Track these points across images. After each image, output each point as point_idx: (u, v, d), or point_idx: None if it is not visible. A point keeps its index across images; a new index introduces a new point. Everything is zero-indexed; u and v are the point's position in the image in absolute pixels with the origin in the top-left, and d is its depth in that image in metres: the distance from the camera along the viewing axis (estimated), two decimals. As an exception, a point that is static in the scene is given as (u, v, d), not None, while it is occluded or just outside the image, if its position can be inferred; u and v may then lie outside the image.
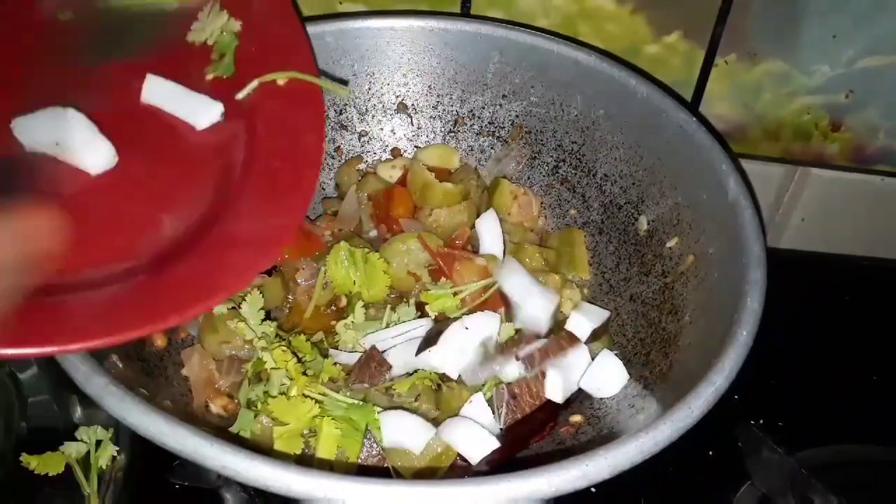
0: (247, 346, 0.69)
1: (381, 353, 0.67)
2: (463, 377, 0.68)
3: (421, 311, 0.73)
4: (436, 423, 0.65)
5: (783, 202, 1.01)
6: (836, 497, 0.69)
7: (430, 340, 0.68)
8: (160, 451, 0.50)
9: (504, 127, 0.87)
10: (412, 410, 0.66)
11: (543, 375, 0.67)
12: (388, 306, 0.73)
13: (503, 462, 0.64)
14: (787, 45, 0.87)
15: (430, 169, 0.83)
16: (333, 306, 0.76)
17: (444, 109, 0.88)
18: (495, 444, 0.63)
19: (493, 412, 0.66)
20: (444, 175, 0.85)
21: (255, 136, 0.69)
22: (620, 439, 0.51)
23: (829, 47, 0.86)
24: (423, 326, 0.70)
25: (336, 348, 0.71)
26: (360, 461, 0.63)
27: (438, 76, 0.86)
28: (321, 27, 0.81)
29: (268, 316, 0.72)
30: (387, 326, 0.71)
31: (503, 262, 0.76)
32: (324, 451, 0.62)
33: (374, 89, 0.87)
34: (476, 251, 0.79)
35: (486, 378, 0.68)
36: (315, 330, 0.73)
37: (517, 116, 0.86)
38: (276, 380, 0.65)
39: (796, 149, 0.95)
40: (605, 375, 0.68)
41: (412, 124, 0.89)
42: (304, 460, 0.62)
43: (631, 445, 0.50)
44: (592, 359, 0.69)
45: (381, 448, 0.64)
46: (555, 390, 0.66)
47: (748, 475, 0.77)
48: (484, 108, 0.86)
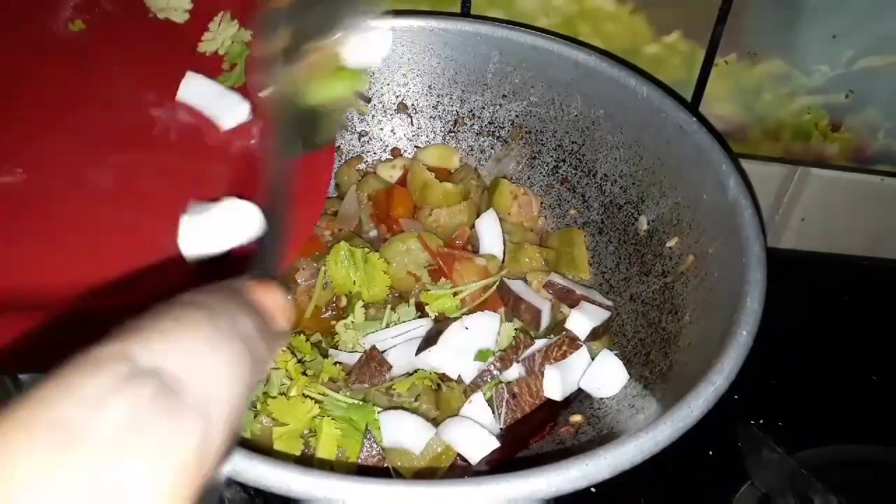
0: (247, 346, 0.69)
1: (381, 353, 0.67)
2: (463, 377, 0.68)
3: (421, 311, 0.73)
4: (436, 423, 0.65)
5: (783, 202, 1.01)
6: (836, 497, 0.69)
7: (430, 340, 0.68)
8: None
9: (504, 127, 0.87)
10: (412, 410, 0.66)
11: (543, 374, 0.67)
12: (388, 306, 0.73)
13: (503, 462, 0.64)
14: (788, 45, 0.87)
15: (430, 169, 0.83)
16: (333, 306, 0.76)
17: (444, 109, 0.88)
18: (495, 444, 0.63)
19: (493, 412, 0.66)
20: (444, 175, 0.85)
21: (266, 146, 0.69)
22: (620, 439, 0.51)
23: (829, 47, 0.86)
24: (423, 326, 0.70)
25: (336, 348, 0.71)
26: (360, 461, 0.63)
27: (438, 76, 0.86)
28: (321, 27, 0.81)
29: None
30: (387, 326, 0.71)
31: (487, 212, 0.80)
32: (324, 451, 0.62)
33: (374, 89, 0.87)
34: (476, 251, 0.79)
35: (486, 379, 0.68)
36: (315, 330, 0.73)
37: (517, 116, 0.86)
38: (276, 380, 0.65)
39: (796, 149, 0.95)
40: (604, 375, 0.68)
41: (412, 124, 0.89)
42: (304, 460, 0.62)
43: (631, 445, 0.50)
44: (592, 358, 0.69)
45: (381, 448, 0.64)
46: (554, 389, 0.66)
47: (748, 475, 0.77)
48: (484, 108, 0.86)
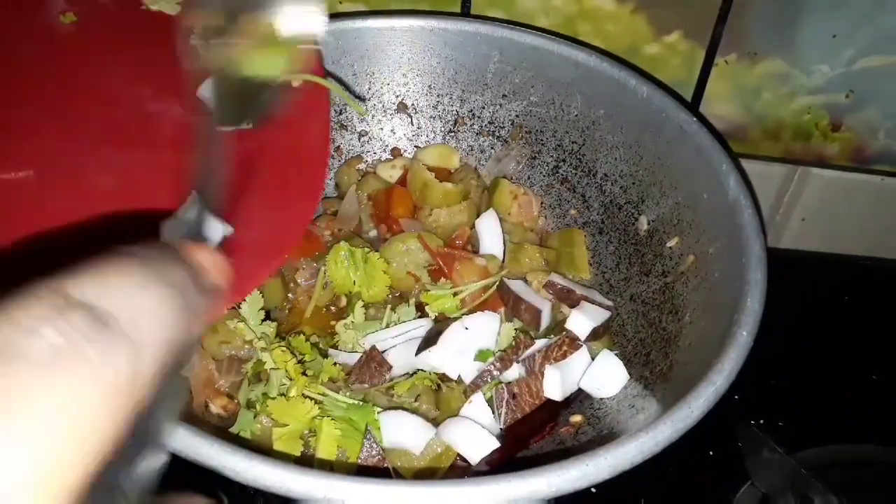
0: (246, 346, 0.69)
1: (381, 354, 0.67)
2: (463, 377, 0.68)
3: (421, 312, 0.73)
4: (436, 423, 0.65)
5: (783, 202, 1.01)
6: (837, 497, 0.69)
7: (430, 340, 0.68)
8: (160, 451, 0.50)
9: (504, 127, 0.87)
10: (412, 410, 0.66)
11: (543, 374, 0.67)
12: (388, 306, 0.73)
13: (503, 462, 0.64)
14: (788, 45, 0.87)
15: (430, 169, 0.83)
16: (333, 306, 0.76)
17: (444, 109, 0.88)
18: (495, 444, 0.63)
19: (493, 412, 0.66)
20: (444, 175, 0.85)
21: (262, 140, 0.69)
22: (621, 439, 0.51)
23: (829, 47, 0.86)
24: (422, 326, 0.70)
25: (336, 348, 0.71)
26: (360, 461, 0.63)
27: (438, 76, 0.86)
28: (321, 27, 0.81)
29: (268, 316, 0.72)
30: (387, 326, 0.71)
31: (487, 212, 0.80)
32: (324, 451, 0.62)
33: (374, 89, 0.87)
34: (476, 251, 0.79)
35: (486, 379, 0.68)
36: (315, 330, 0.73)
37: (517, 116, 0.86)
38: (276, 380, 0.65)
39: (796, 149, 0.95)
40: (605, 375, 0.68)
41: (412, 124, 0.89)
42: (304, 460, 0.62)
43: (631, 445, 0.50)
44: (592, 359, 0.69)
45: (381, 448, 0.64)
46: (554, 389, 0.66)
47: (748, 475, 0.77)
48: (484, 107, 0.86)
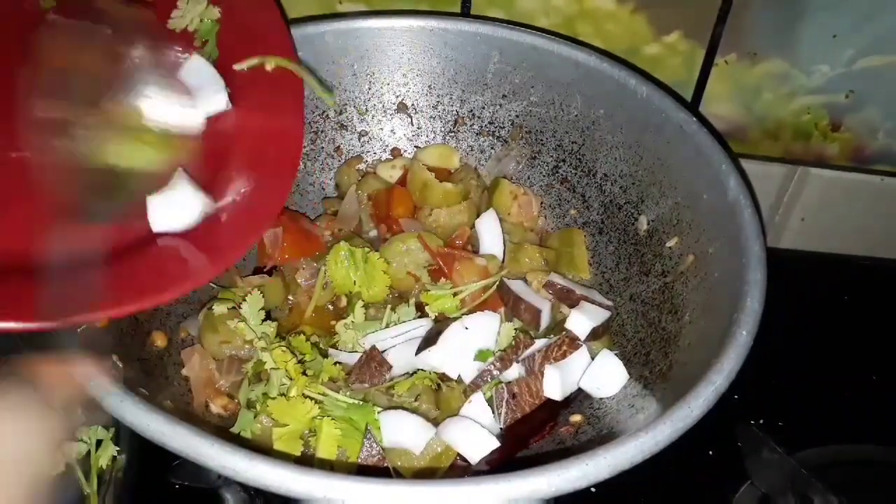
0: (247, 346, 0.69)
1: (381, 353, 0.67)
2: (463, 377, 0.68)
3: (421, 312, 0.73)
4: (436, 423, 0.65)
5: (783, 202, 1.01)
6: (836, 497, 0.69)
7: (429, 340, 0.68)
8: (160, 451, 0.50)
9: (504, 127, 0.87)
10: (412, 410, 0.66)
11: (542, 374, 0.67)
12: (388, 306, 0.73)
13: (503, 462, 0.64)
14: (788, 45, 0.87)
15: (430, 169, 0.83)
16: (333, 306, 0.76)
17: (444, 109, 0.88)
18: (495, 444, 0.63)
19: (493, 412, 0.66)
20: (444, 175, 0.85)
21: (239, 119, 0.70)
22: (620, 439, 0.51)
23: (829, 47, 0.86)
24: (422, 326, 0.70)
25: (336, 348, 0.71)
26: (360, 461, 0.63)
27: (438, 76, 0.86)
28: (321, 27, 0.81)
29: (268, 316, 0.72)
30: (387, 326, 0.71)
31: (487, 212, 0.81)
32: (324, 451, 0.62)
33: (374, 89, 0.87)
34: (476, 251, 0.79)
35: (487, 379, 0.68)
36: (315, 330, 0.73)
37: (517, 116, 0.86)
38: (276, 380, 0.65)
39: (796, 149, 0.95)
40: (604, 375, 0.68)
41: (412, 124, 0.89)
42: (304, 460, 0.62)
43: (631, 445, 0.50)
44: (592, 358, 0.69)
45: (381, 448, 0.64)
46: (554, 389, 0.66)
47: (748, 475, 0.77)
48: (484, 108, 0.86)
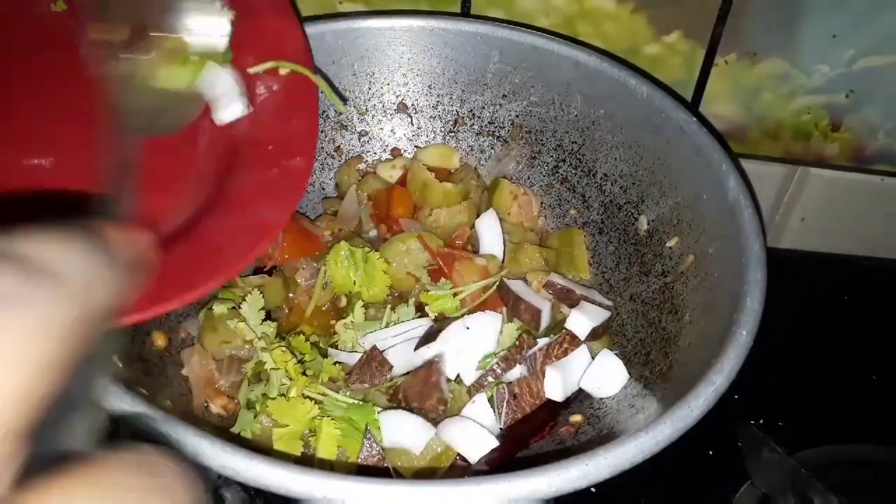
0: (247, 346, 0.69)
1: (381, 353, 0.67)
2: (462, 377, 0.68)
3: (421, 312, 0.73)
4: (436, 423, 0.65)
5: (783, 202, 1.01)
6: (837, 497, 0.69)
7: (429, 337, 0.68)
8: (160, 450, 0.50)
9: (504, 127, 0.87)
10: (412, 410, 0.66)
11: (543, 375, 0.67)
12: (388, 306, 0.73)
13: (503, 462, 0.64)
14: (788, 45, 0.87)
15: (430, 169, 0.83)
16: (333, 306, 0.76)
17: (444, 109, 0.88)
18: (494, 444, 0.63)
19: (494, 412, 0.66)
20: (444, 175, 0.85)
21: (253, 123, 0.70)
22: (620, 439, 0.51)
23: (829, 47, 0.86)
24: (422, 326, 0.70)
25: (336, 348, 0.71)
26: (360, 461, 0.63)
27: (438, 76, 0.86)
28: (321, 27, 0.81)
29: (268, 316, 0.72)
30: (386, 326, 0.71)
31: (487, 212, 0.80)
32: (324, 451, 0.62)
33: (374, 89, 0.87)
34: (476, 251, 0.79)
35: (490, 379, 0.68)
36: (315, 330, 0.73)
37: (517, 116, 0.86)
38: (276, 380, 0.65)
39: (796, 149, 0.95)
40: (605, 375, 0.68)
41: (412, 124, 0.89)
42: (304, 460, 0.62)
43: (631, 445, 0.50)
44: (592, 358, 0.69)
45: (381, 448, 0.64)
46: (554, 389, 0.66)
47: (748, 475, 0.77)
48: (484, 107, 0.86)
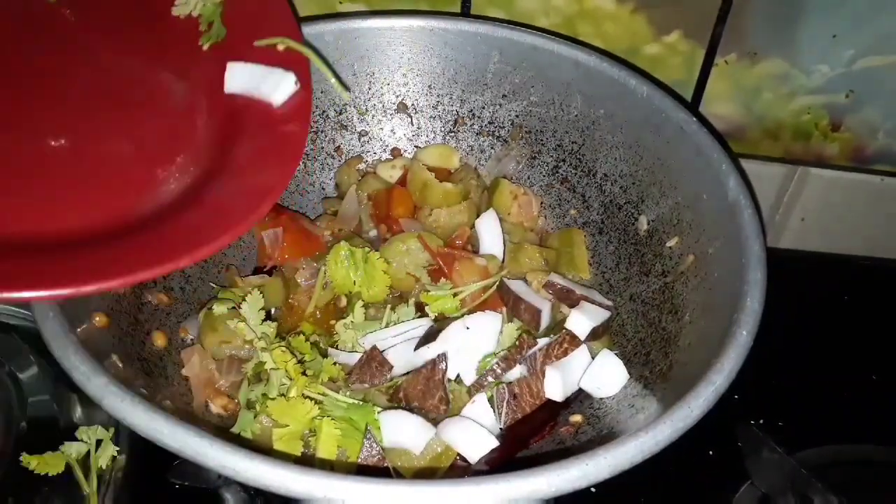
0: (247, 346, 0.69)
1: (381, 353, 0.67)
2: (462, 377, 0.68)
3: (421, 312, 0.73)
4: (436, 422, 0.65)
5: (783, 202, 1.01)
6: (836, 497, 0.69)
7: (429, 337, 0.68)
8: (160, 451, 0.50)
9: (504, 127, 0.87)
10: (412, 410, 0.66)
11: (543, 375, 0.67)
12: (388, 306, 0.73)
13: (503, 462, 0.64)
14: (787, 45, 0.87)
15: (430, 169, 0.83)
16: (333, 306, 0.76)
17: (444, 109, 0.88)
18: (494, 444, 0.63)
19: (494, 412, 0.66)
20: (444, 175, 0.85)
21: (248, 101, 0.71)
22: (620, 439, 0.51)
23: (829, 47, 0.86)
24: (422, 326, 0.70)
25: (336, 348, 0.71)
26: (360, 461, 0.63)
27: (438, 76, 0.86)
28: (321, 27, 0.81)
29: (268, 316, 0.72)
30: (386, 326, 0.71)
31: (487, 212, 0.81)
32: (324, 451, 0.62)
33: (374, 89, 0.87)
34: (476, 251, 0.79)
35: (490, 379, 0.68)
36: (315, 330, 0.73)
37: (517, 116, 0.86)
38: (276, 380, 0.65)
39: (796, 149, 0.95)
40: (605, 375, 0.68)
41: (412, 124, 0.89)
42: (305, 460, 0.62)
43: (631, 445, 0.50)
44: (592, 358, 0.69)
45: (381, 448, 0.64)
46: (554, 389, 0.66)
47: (748, 475, 0.77)
48: (484, 107, 0.86)
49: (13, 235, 0.59)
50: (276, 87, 0.70)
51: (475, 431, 0.63)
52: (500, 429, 0.66)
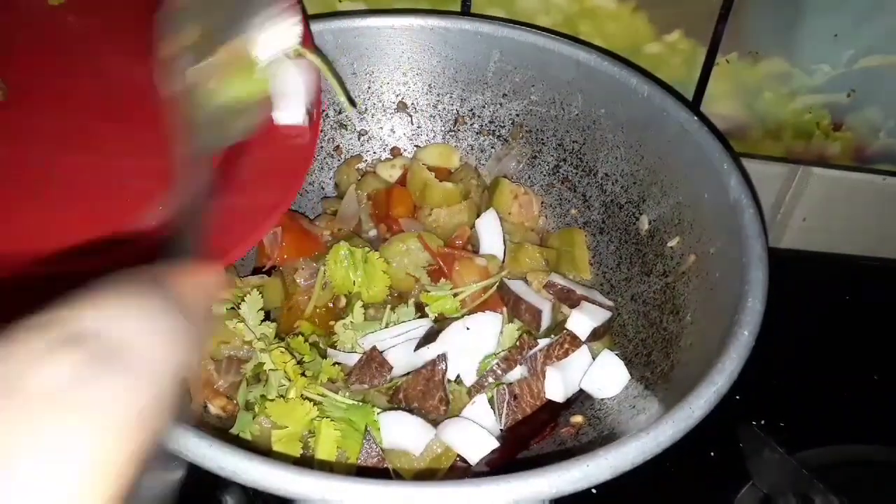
0: (246, 347, 0.68)
1: (381, 354, 0.67)
2: (462, 377, 0.68)
3: (421, 312, 0.73)
4: (436, 423, 0.65)
5: (784, 202, 1.01)
6: (838, 497, 0.69)
7: (429, 338, 0.68)
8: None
9: (504, 126, 0.87)
10: (412, 411, 0.65)
11: (544, 375, 0.67)
12: (388, 306, 0.73)
13: (504, 463, 0.63)
14: (789, 44, 0.87)
15: (430, 168, 0.83)
16: (333, 306, 0.75)
17: (445, 108, 0.87)
18: (494, 444, 0.62)
19: (494, 413, 0.66)
20: (444, 174, 0.85)
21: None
22: (621, 440, 0.51)
23: (830, 46, 0.86)
24: (422, 327, 0.70)
25: (335, 348, 0.71)
26: (359, 462, 0.63)
27: (438, 75, 0.86)
28: (321, 26, 0.80)
29: (267, 316, 0.71)
30: (386, 327, 0.71)
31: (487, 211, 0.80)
32: (323, 452, 0.61)
33: (374, 88, 0.86)
34: (476, 251, 0.79)
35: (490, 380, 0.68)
36: (314, 330, 0.73)
37: (518, 115, 0.86)
38: (275, 381, 0.64)
39: (798, 148, 0.95)
40: (606, 376, 0.68)
41: (412, 123, 0.89)
42: (304, 461, 0.62)
43: (632, 446, 0.50)
44: (593, 359, 0.69)
45: (381, 449, 0.64)
46: (555, 390, 0.66)
47: (749, 475, 0.77)
48: (484, 107, 0.86)
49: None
50: (286, 107, 0.68)
51: (475, 432, 0.63)
52: (501, 430, 0.66)
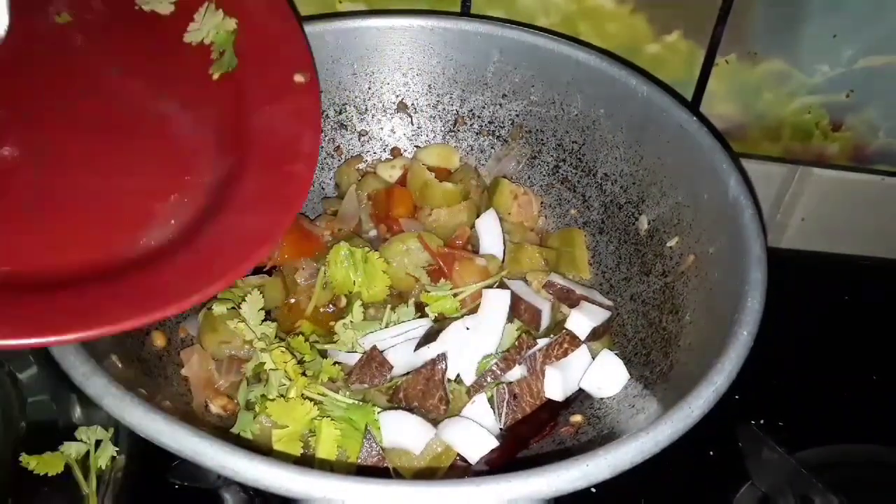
0: (246, 347, 0.69)
1: (381, 354, 0.67)
2: (462, 377, 0.68)
3: (421, 312, 0.73)
4: (436, 423, 0.65)
5: (784, 202, 1.01)
6: (837, 497, 0.69)
7: (429, 337, 0.68)
8: (160, 451, 0.50)
9: (504, 126, 0.87)
10: (412, 410, 0.65)
11: (543, 375, 0.67)
12: (388, 306, 0.73)
13: (503, 462, 0.63)
14: (788, 45, 0.87)
15: (430, 169, 0.83)
16: (333, 306, 0.75)
17: (444, 109, 0.88)
18: (494, 444, 0.62)
19: (494, 412, 0.66)
20: (444, 175, 0.85)
21: (256, 128, 0.70)
22: (621, 439, 0.51)
23: (829, 47, 0.86)
24: (422, 327, 0.70)
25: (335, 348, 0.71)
26: (359, 461, 0.63)
27: (438, 75, 0.86)
28: (321, 26, 0.81)
29: (268, 316, 0.72)
30: (386, 326, 0.71)
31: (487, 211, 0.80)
32: (323, 451, 0.62)
33: (374, 89, 0.86)
34: (476, 251, 0.79)
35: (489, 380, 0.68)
36: (314, 330, 0.73)
37: (517, 116, 0.86)
38: (275, 381, 0.65)
39: (797, 148, 0.95)
40: (605, 375, 0.68)
41: (412, 124, 0.89)
42: (304, 461, 0.62)
43: (631, 445, 0.50)
44: (593, 358, 0.69)
45: (381, 448, 0.64)
46: (555, 389, 0.66)
47: (748, 475, 0.77)
48: (484, 107, 0.86)
49: None
50: None
51: (475, 432, 0.63)
52: (501, 429, 0.66)
